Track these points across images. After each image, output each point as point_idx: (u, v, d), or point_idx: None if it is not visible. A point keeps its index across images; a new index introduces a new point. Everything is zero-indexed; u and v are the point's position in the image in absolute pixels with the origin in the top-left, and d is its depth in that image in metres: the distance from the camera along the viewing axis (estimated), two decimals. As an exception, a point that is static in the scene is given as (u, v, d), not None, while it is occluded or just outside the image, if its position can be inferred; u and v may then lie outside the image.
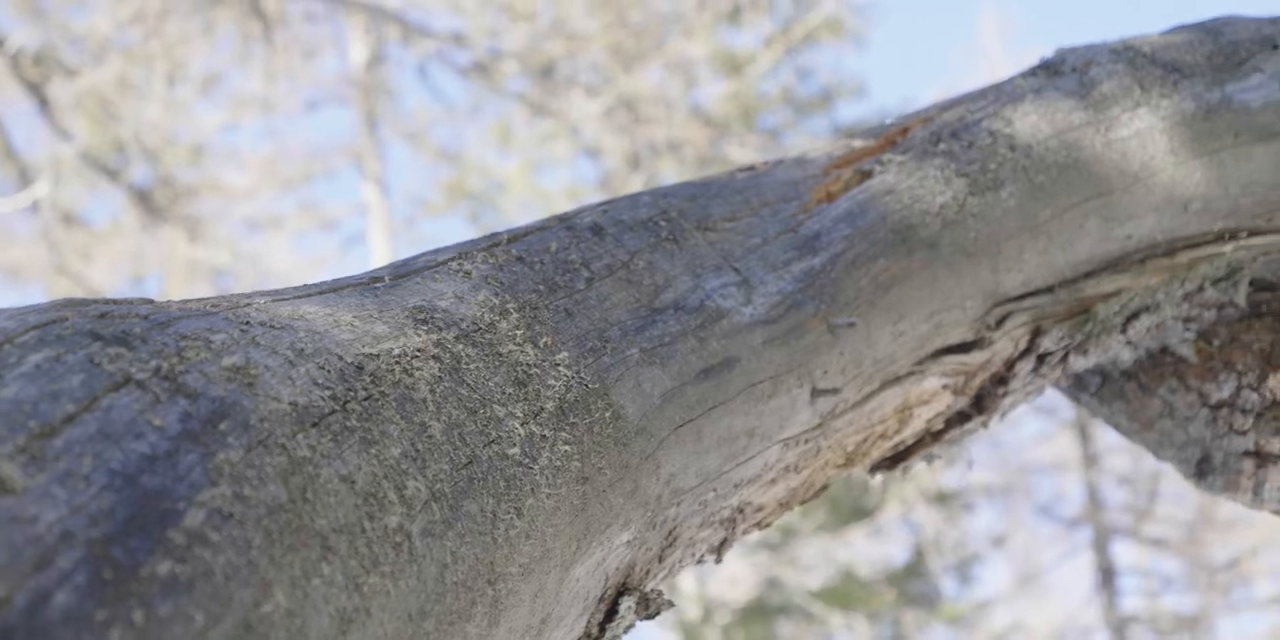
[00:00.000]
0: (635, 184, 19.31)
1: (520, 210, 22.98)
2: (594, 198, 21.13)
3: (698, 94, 21.14)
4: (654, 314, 2.14)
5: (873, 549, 25.21)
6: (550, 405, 1.90)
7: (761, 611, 23.06)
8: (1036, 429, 28.32)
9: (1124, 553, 29.27)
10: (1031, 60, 2.92)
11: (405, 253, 20.46)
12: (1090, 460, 25.79)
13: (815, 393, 2.33)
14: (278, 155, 22.95)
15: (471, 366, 1.83)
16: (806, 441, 2.40)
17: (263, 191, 22.66)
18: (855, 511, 23.57)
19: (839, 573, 23.72)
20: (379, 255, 22.24)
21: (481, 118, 22.75)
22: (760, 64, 21.26)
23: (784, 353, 2.26)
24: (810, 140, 20.58)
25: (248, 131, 32.50)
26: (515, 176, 22.98)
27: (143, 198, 17.42)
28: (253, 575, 1.33)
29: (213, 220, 20.14)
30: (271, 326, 1.64)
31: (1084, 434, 25.18)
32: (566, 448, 1.88)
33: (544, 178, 23.43)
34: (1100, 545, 25.66)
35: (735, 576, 23.12)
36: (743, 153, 19.34)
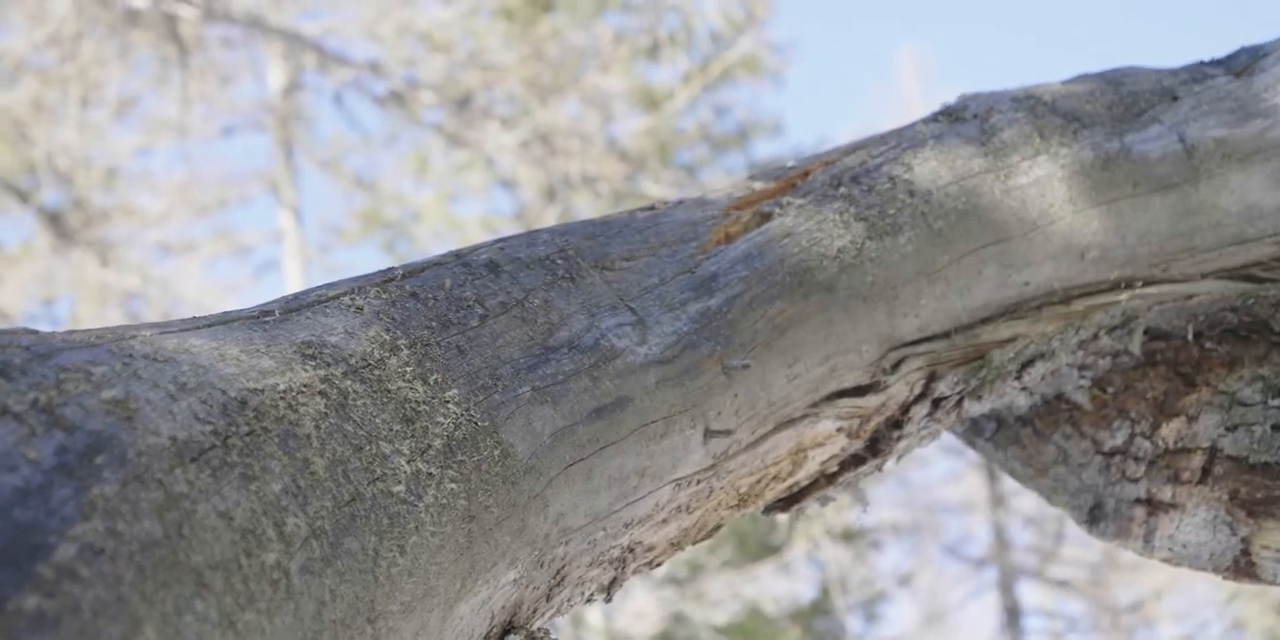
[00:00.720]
0: (550, 217, 19.31)
1: (435, 240, 22.94)
2: (510, 229, 21.12)
3: (615, 129, 21.17)
4: (548, 352, 2.13)
5: (779, 586, 25.22)
6: (438, 443, 1.89)
7: (667, 647, 23.02)
8: (945, 469, 28.48)
9: (1030, 593, 29.38)
10: (945, 102, 2.94)
11: (319, 280, 20.34)
12: (998, 501, 25.95)
13: (708, 434, 2.33)
14: (192, 180, 22.81)
15: (359, 403, 1.82)
16: (699, 482, 2.39)
17: (176, 216, 22.52)
18: (763, 548, 23.59)
19: (745, 609, 23.72)
20: (292, 283, 22.16)
21: (398, 147, 22.72)
22: (677, 100, 21.31)
23: (678, 393, 2.26)
24: (725, 178, 20.67)
25: (162, 156, 32.36)
26: (430, 206, 22.94)
27: (54, 220, 17.30)
28: (122, 611, 1.31)
29: (125, 244, 20.02)
30: (155, 359, 1.63)
31: (992, 475, 25.33)
32: (453, 486, 1.87)
33: (459, 208, 23.40)
34: (1006, 585, 25.80)
35: (642, 611, 23.09)
36: (658, 188, 19.38)
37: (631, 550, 2.39)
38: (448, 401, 1.94)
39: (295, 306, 1.97)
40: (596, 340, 2.20)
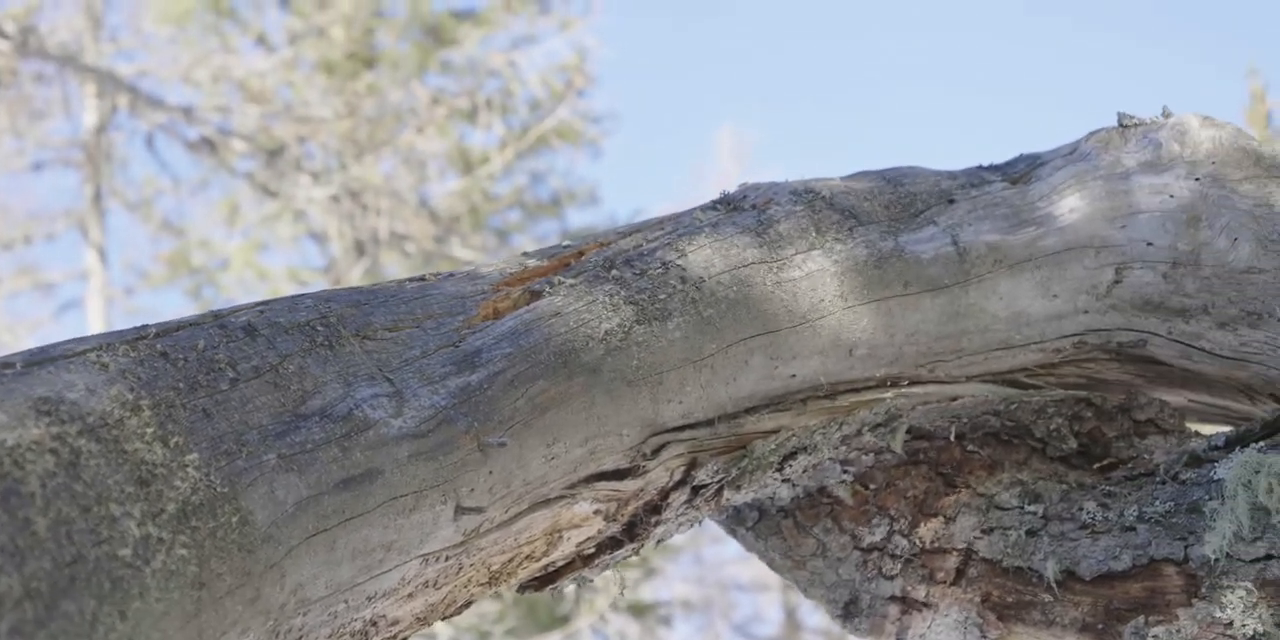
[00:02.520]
0: (358, 273, 19.19)
1: (241, 288, 22.70)
2: (319, 283, 20.96)
3: (428, 189, 21.13)
4: (298, 420, 2.10)
5: (566, 658, 25.08)
6: (172, 507, 1.85)
7: (447, 714, 22.80)
8: (739, 546, 28.51)
9: (815, 676, 29.48)
10: (725, 191, 2.95)
11: (121, 322, 20.06)
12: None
13: (460, 510, 2.31)
14: (-1, 214, 22.42)
15: (91, 462, 1.79)
16: (448, 558, 2.37)
17: (-21, 250, 22.10)
18: (553, 618, 23.47)
19: (527, 679, 23.55)
20: (95, 323, 21.79)
21: (209, 193, 22.47)
22: (493, 164, 21.31)
23: (430, 468, 2.24)
24: (537, 244, 20.67)
25: (-33, 187, 31.72)
26: (239, 255, 22.70)
27: None
28: None
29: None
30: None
31: (782, 555, 25.36)
32: (184, 551, 1.84)
33: (269, 258, 23.17)
34: (792, 667, 25.87)
35: (420, 677, 22.81)
36: (467, 251, 19.35)
37: (375, 623, 2.36)
38: (187, 465, 1.91)
39: (38, 360, 1.93)
40: (350, 410, 2.17)
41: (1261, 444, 2.76)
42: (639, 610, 24.75)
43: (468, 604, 2.61)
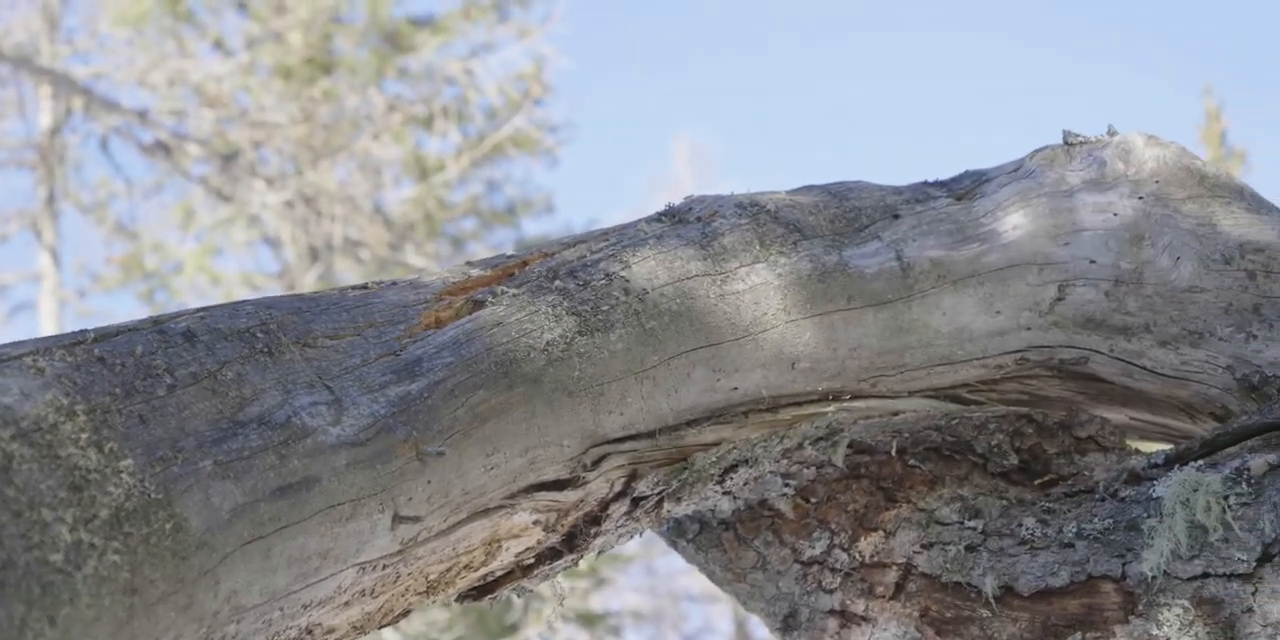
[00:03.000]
0: (312, 278, 19.15)
1: (194, 293, 22.62)
2: (272, 288, 20.91)
3: (383, 196, 21.10)
4: (236, 427, 2.10)
5: (514, 666, 25.03)
6: (105, 513, 1.85)
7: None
8: (689, 557, 28.49)
9: (764, 687, 29.48)
10: (670, 203, 2.95)
11: (74, 324, 19.97)
12: (737, 593, 26.00)
13: (397, 519, 2.30)
14: (-50, 214, 22.31)
15: (24, 467, 1.78)
16: (385, 567, 2.36)
17: (-70, 249, 22.00)
18: (501, 627, 23.43)
19: (476, 687, 23.50)
20: (47, 325, 21.69)
21: (163, 197, 22.40)
22: (449, 172, 21.29)
23: (368, 476, 2.23)
24: (492, 252, 20.63)
25: (-80, 188, 31.55)
26: (193, 259, 22.62)
27: None
28: None
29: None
30: None
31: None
32: (116, 558, 1.83)
33: (223, 263, 23.10)
34: (742, 677, 25.88)
35: (366, 685, 22.73)
36: (421, 258, 19.32)
37: (310, 632, 2.35)
38: (121, 471, 1.90)
39: (-27, 364, 1.92)
40: (288, 417, 2.16)
41: (1200, 463, 2.78)
42: (589, 620, 24.73)
43: (405, 613, 2.61)
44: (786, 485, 3.03)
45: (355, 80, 20.23)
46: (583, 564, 2.86)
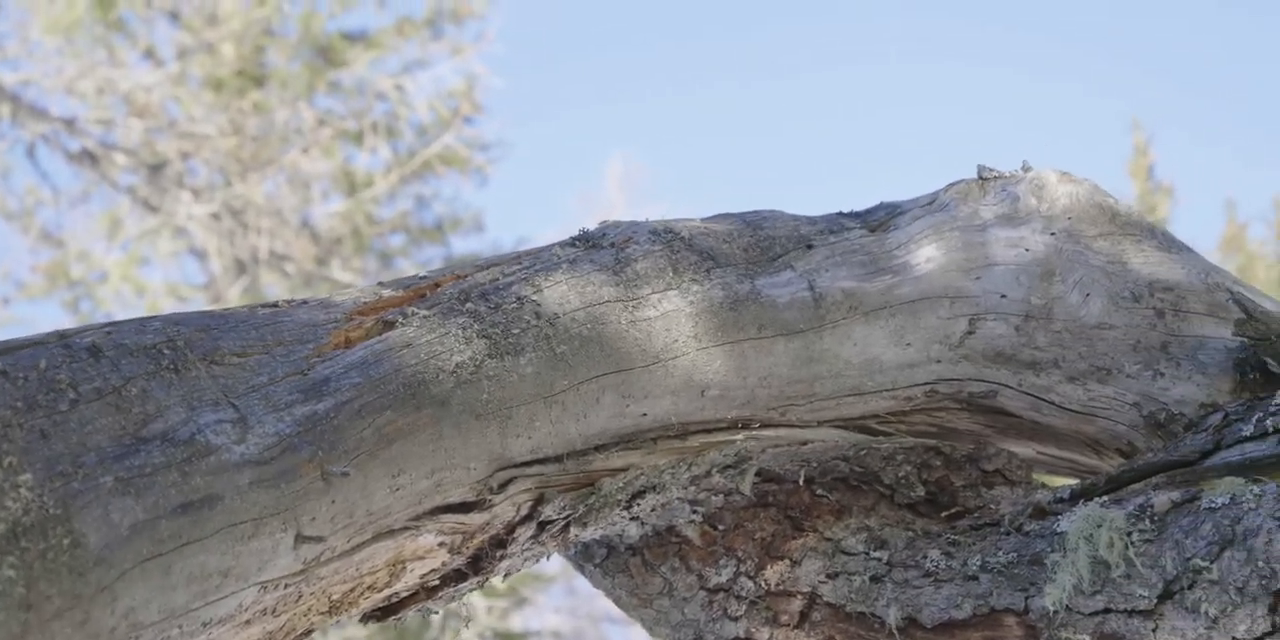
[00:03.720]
0: (237, 291, 19.07)
1: (119, 303, 22.48)
2: (198, 300, 20.80)
3: (312, 210, 21.02)
4: (139, 443, 2.09)
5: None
6: (1, 528, 1.84)
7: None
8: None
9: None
10: (584, 228, 2.95)
11: (-7, 333, 19.84)
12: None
13: (300, 539, 2.30)
14: None
15: (-82, 481, 1.77)
16: (287, 586, 2.36)
17: None
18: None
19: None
20: (-33, 332, 21.54)
21: (89, 206, 22.26)
22: (378, 188, 21.22)
23: (272, 495, 2.22)
24: (420, 269, 20.58)
25: None
26: (119, 269, 22.49)
27: None
28: None
29: None
30: None
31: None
32: (11, 573, 1.83)
33: (149, 273, 22.97)
34: (654, 701, 25.81)
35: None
36: (348, 274, 19.26)
37: (210, 650, 2.34)
38: (19, 485, 1.89)
39: None
40: (192, 435, 2.16)
41: (1105, 498, 2.80)
42: (507, 639, 24.65)
43: (308, 632, 2.60)
44: (694, 512, 3.04)
45: (286, 93, 20.15)
46: (503, 584, 2.87)
